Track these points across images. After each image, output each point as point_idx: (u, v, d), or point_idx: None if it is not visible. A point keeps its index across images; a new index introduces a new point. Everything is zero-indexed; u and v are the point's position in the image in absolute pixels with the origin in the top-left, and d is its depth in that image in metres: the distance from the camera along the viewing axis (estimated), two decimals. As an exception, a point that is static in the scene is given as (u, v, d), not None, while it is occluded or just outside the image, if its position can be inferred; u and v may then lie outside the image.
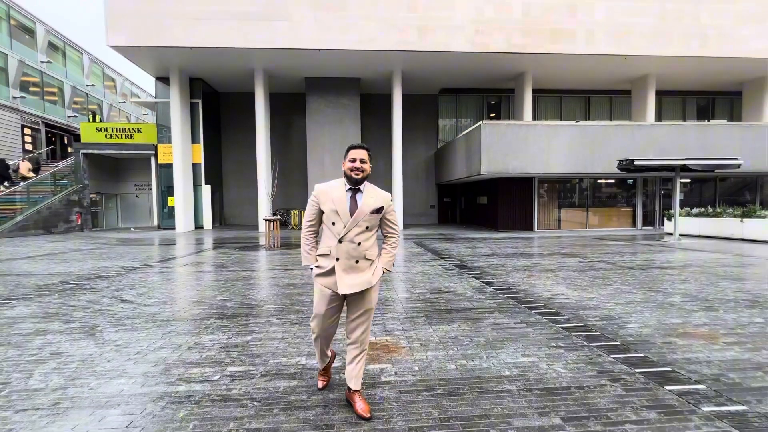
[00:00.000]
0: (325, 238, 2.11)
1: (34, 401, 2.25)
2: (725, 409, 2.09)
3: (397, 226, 2.24)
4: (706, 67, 16.32)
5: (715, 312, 3.98)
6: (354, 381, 2.14)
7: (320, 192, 2.10)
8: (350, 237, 2.02)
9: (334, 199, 2.04)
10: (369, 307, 2.11)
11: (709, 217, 12.54)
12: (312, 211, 2.13)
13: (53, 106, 22.83)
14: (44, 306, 4.41)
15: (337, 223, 2.03)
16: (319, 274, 2.08)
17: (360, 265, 2.05)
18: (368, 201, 2.07)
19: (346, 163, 2.07)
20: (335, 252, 2.03)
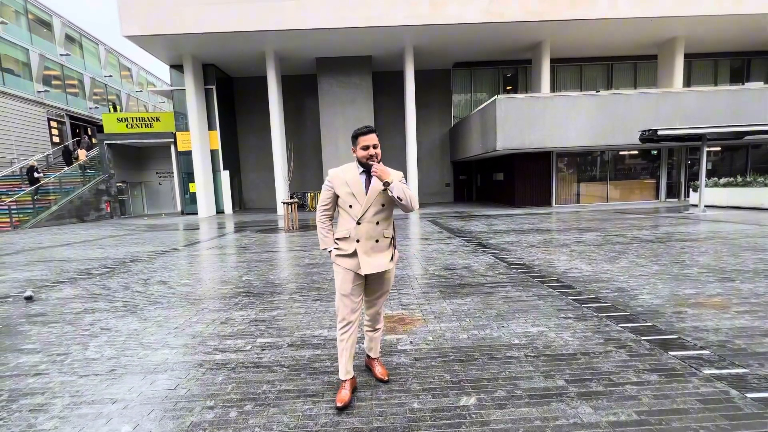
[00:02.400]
0: (343, 222, 2.12)
1: (93, 368, 2.56)
2: (726, 372, 2.19)
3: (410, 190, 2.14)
4: (741, 26, 15.20)
5: (731, 282, 3.98)
6: (373, 350, 2.37)
7: (334, 176, 2.11)
8: (368, 217, 2.05)
9: (349, 182, 2.07)
10: (386, 289, 2.21)
11: (738, 187, 12.05)
12: (326, 195, 2.14)
13: (75, 98, 23.53)
14: (88, 288, 4.82)
15: (355, 206, 2.05)
16: (341, 255, 2.10)
17: (380, 244, 2.09)
18: (377, 183, 2.08)
19: (358, 151, 2.06)
20: (355, 233, 2.05)
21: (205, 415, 1.97)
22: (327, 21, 13.59)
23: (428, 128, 19.38)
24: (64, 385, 2.34)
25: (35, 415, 2.03)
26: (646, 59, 18.52)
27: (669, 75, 16.38)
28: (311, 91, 18.29)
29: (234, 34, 13.86)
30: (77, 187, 16.40)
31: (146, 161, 20.29)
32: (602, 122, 13.16)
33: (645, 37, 16.05)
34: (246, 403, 2.07)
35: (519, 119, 12.96)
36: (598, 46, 17.05)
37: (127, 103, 29.21)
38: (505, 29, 14.56)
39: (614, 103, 13.20)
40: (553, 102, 13.22)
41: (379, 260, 2.08)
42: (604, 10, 13.87)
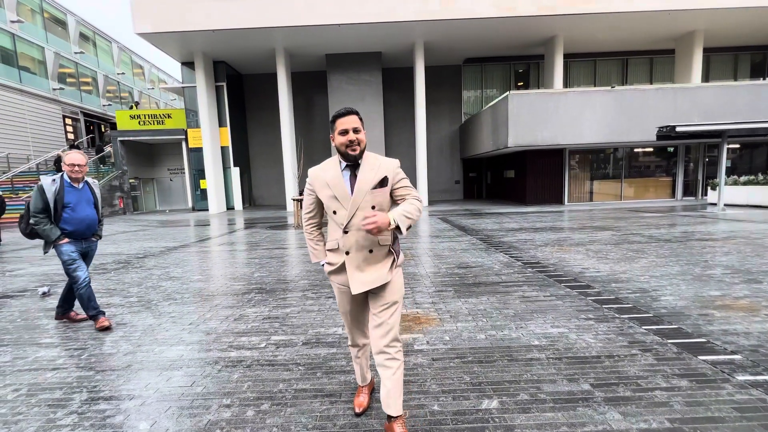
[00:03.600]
0: (331, 230, 1.76)
1: (110, 363, 2.57)
2: (761, 378, 2.09)
3: (412, 189, 1.74)
4: (763, 18, 14.71)
5: (758, 284, 3.83)
6: (392, 405, 1.68)
7: (314, 177, 1.72)
8: (357, 224, 1.62)
9: (329, 182, 1.66)
10: (393, 299, 1.72)
11: (759, 185, 11.69)
12: (309, 200, 1.79)
13: (89, 95, 23.90)
14: (104, 283, 4.86)
15: (339, 211, 1.65)
16: (331, 271, 1.76)
17: (375, 255, 1.68)
18: (365, 176, 1.65)
19: (336, 138, 1.65)
20: (343, 244, 1.67)
21: (222, 413, 1.95)
22: (337, 17, 13.53)
23: (438, 125, 19.22)
24: (81, 380, 2.35)
25: (54, 409, 2.03)
26: (662, 54, 18.07)
27: (687, 70, 15.95)
28: (321, 87, 18.27)
29: (244, 31, 13.88)
30: (91, 183, 16.66)
31: (158, 158, 20.53)
32: (617, 119, 12.87)
33: (662, 31, 15.64)
34: (263, 402, 2.04)
35: (531, 116, 12.75)
36: (612, 41, 16.67)
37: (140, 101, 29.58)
38: (517, 24, 14.31)
39: (629, 99, 12.90)
40: (566, 98, 12.97)
41: (374, 274, 1.68)
42: (619, 3, 13.54)
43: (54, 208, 3.10)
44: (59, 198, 3.10)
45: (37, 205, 3.07)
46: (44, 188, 3.07)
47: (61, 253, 3.16)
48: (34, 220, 3.09)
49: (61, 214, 3.12)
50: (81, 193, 3.23)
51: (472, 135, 17.09)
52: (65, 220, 3.14)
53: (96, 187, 3.40)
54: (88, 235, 3.30)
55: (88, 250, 3.36)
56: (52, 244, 3.14)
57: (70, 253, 3.17)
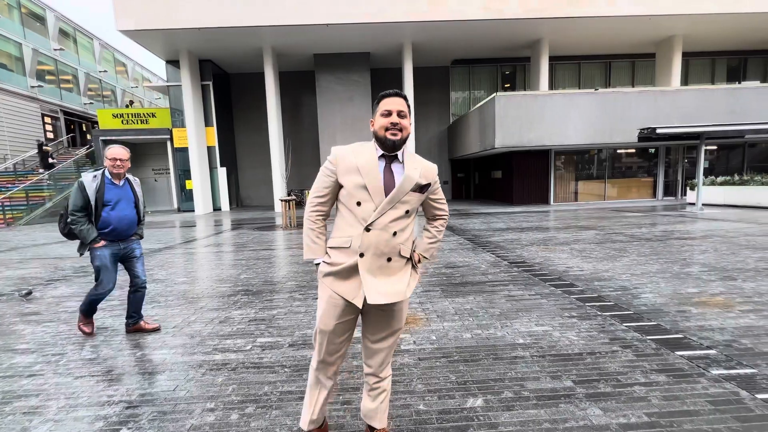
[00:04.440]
0: (343, 224, 1.48)
1: (89, 369, 2.50)
2: (734, 372, 2.17)
3: (446, 204, 1.67)
4: (738, 24, 15.25)
5: (733, 281, 3.97)
6: (377, 418, 1.63)
7: (341, 157, 1.46)
8: (383, 223, 1.41)
9: (362, 168, 1.42)
10: (398, 327, 1.55)
11: (734, 186, 12.11)
12: (325, 183, 1.49)
13: (69, 93, 23.24)
14: (84, 286, 4.73)
15: (365, 203, 1.42)
16: (331, 273, 1.47)
17: (392, 264, 1.45)
18: (412, 173, 1.45)
19: (376, 120, 1.45)
20: (359, 244, 1.41)
21: (206, 417, 1.92)
22: (325, 17, 13.48)
23: (426, 125, 19.32)
24: (60, 386, 2.28)
25: (29, 417, 1.97)
26: (644, 58, 18.55)
27: (667, 73, 16.41)
28: (309, 87, 18.17)
29: (231, 30, 13.70)
30: (72, 184, 16.21)
31: (142, 158, 20.07)
32: (600, 120, 13.16)
33: (643, 36, 16.06)
34: (247, 405, 2.02)
35: (517, 117, 12.93)
36: (596, 44, 17.04)
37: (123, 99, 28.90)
38: (504, 26, 14.51)
39: (612, 102, 13.21)
40: (552, 100, 13.20)
41: (391, 287, 1.44)
42: (602, 7, 13.85)
43: (95, 206, 2.85)
44: (99, 195, 2.86)
45: (76, 202, 2.82)
46: (84, 185, 2.83)
47: (95, 257, 2.93)
48: (72, 219, 2.84)
49: (100, 213, 2.87)
50: (122, 190, 2.98)
51: (460, 136, 17.24)
52: (104, 220, 2.89)
53: (137, 184, 3.15)
54: (127, 236, 3.04)
55: (129, 252, 3.07)
56: (88, 246, 2.90)
57: (103, 258, 2.93)
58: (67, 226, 2.94)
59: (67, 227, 2.94)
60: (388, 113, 1.43)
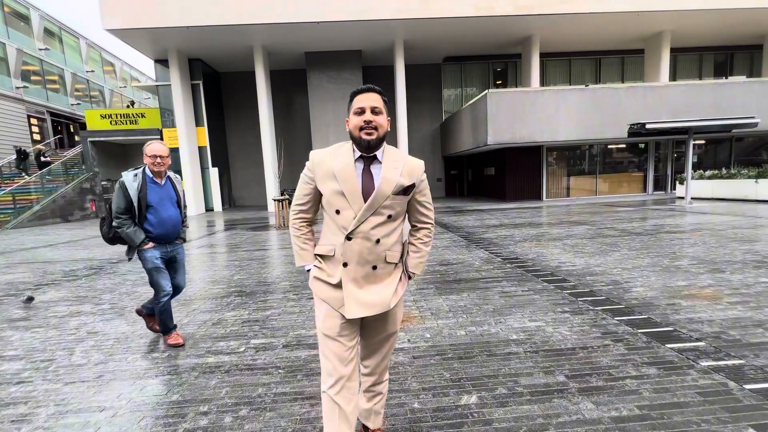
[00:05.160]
0: (328, 231, 1.42)
1: (79, 374, 2.46)
2: (722, 363, 2.21)
3: (432, 209, 1.53)
4: (725, 20, 15.45)
5: (721, 273, 4.04)
6: (373, 418, 1.63)
7: (317, 162, 1.38)
8: (365, 231, 1.33)
9: (338, 173, 1.33)
10: (391, 330, 1.49)
11: (722, 179, 12.31)
12: (305, 190, 1.43)
13: (56, 94, 22.81)
14: (74, 290, 4.66)
15: (344, 211, 1.33)
16: (320, 279, 1.43)
17: (379, 272, 1.39)
18: (390, 174, 1.35)
19: (351, 119, 1.35)
20: (341, 253, 1.36)
21: (199, 421, 1.91)
22: (316, 14, 13.38)
23: (419, 123, 19.32)
24: (49, 393, 2.25)
25: (18, 426, 1.94)
26: (633, 53, 18.73)
27: (655, 69, 16.59)
28: (301, 86, 18.05)
29: (220, 28, 13.54)
30: (60, 186, 15.94)
31: (132, 158, 19.81)
32: (591, 116, 13.27)
33: (632, 32, 16.21)
34: (241, 407, 2.01)
35: (509, 114, 12.99)
36: (586, 41, 17.16)
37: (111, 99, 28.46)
38: (495, 23, 14.53)
39: (602, 97, 13.32)
40: (543, 96, 13.27)
41: (376, 296, 1.37)
42: (592, 4, 13.94)
43: (138, 207, 2.69)
44: (142, 195, 2.68)
45: (119, 204, 2.66)
46: (126, 185, 2.67)
47: (145, 259, 2.75)
48: (117, 222, 2.68)
49: (144, 214, 2.71)
50: (164, 189, 2.79)
51: (453, 133, 17.27)
52: (149, 222, 2.73)
53: (179, 183, 2.96)
54: (173, 237, 2.86)
55: (174, 255, 2.90)
56: (136, 249, 2.76)
57: (154, 259, 2.75)
58: (111, 230, 2.78)
59: (112, 231, 2.78)
60: (361, 111, 1.32)
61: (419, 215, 1.50)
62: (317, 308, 1.45)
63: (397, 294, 1.43)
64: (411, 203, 1.45)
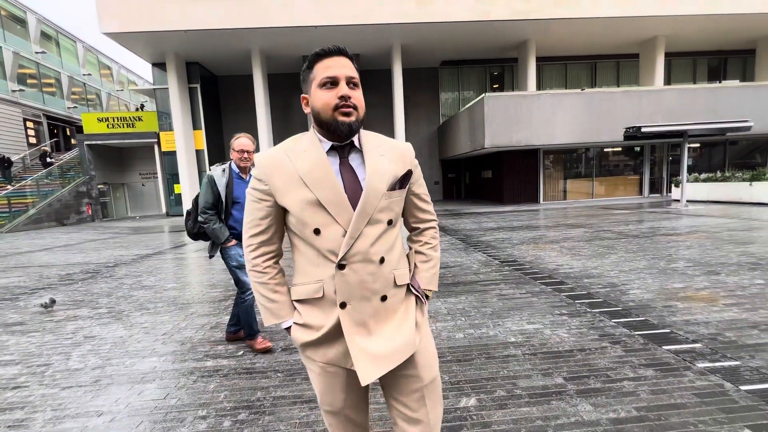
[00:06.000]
0: (304, 264, 1.02)
1: (76, 379, 2.45)
2: (719, 365, 2.22)
3: (431, 202, 1.18)
4: (718, 26, 15.67)
5: (716, 276, 4.07)
6: None
7: (271, 167, 0.98)
8: (362, 250, 0.95)
9: (307, 176, 0.95)
10: (431, 375, 1.05)
11: (717, 182, 12.42)
12: (260, 211, 1.00)
13: (52, 97, 22.74)
14: (70, 294, 4.63)
15: (328, 228, 0.95)
16: (310, 343, 1.01)
17: (390, 303, 1.01)
18: (379, 164, 0.99)
19: (314, 94, 0.97)
20: (333, 289, 0.97)
21: (197, 425, 1.90)
22: (314, 18, 13.45)
23: (417, 127, 19.40)
24: (46, 398, 2.23)
25: (14, 431, 1.92)
26: (628, 58, 18.92)
27: (650, 73, 16.77)
28: (299, 89, 18.01)
29: (219, 32, 13.58)
30: (56, 190, 15.86)
31: (129, 162, 19.75)
32: (587, 120, 13.38)
33: (627, 36, 16.39)
34: (240, 411, 2.00)
35: (506, 117, 13.07)
36: (582, 45, 17.33)
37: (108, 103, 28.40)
38: (491, 28, 14.66)
39: (598, 101, 13.44)
40: (540, 100, 13.37)
41: (394, 340, 0.99)
42: (587, 9, 14.10)
43: (225, 202, 2.63)
44: (229, 191, 2.62)
45: (207, 199, 2.59)
46: (215, 179, 2.60)
47: (230, 257, 2.68)
48: (204, 218, 2.62)
49: (230, 210, 2.64)
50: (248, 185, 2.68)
51: (450, 136, 17.35)
52: (234, 218, 2.65)
53: None
54: None
55: None
56: (220, 246, 2.69)
57: (238, 257, 2.69)
58: (196, 225, 2.73)
59: (197, 226, 2.74)
60: (332, 82, 0.94)
61: (419, 212, 1.14)
62: (312, 379, 1.07)
63: (420, 327, 1.06)
64: (406, 200, 1.10)
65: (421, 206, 1.15)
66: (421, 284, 1.12)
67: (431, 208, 1.18)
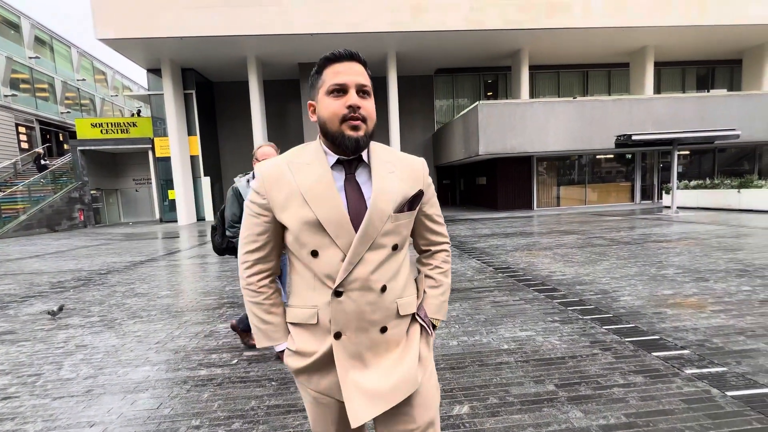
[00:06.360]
0: (301, 285, 0.95)
1: (68, 389, 2.43)
2: (706, 371, 2.27)
3: (444, 223, 1.09)
4: (706, 36, 16.06)
5: (705, 282, 4.15)
6: None
7: (271, 180, 0.91)
8: (362, 277, 0.88)
9: (308, 192, 0.88)
10: (428, 417, 0.95)
11: (706, 189, 12.64)
12: (257, 227, 0.94)
13: (45, 102, 22.60)
14: (62, 302, 4.58)
15: (326, 251, 0.88)
16: (303, 370, 0.94)
17: (390, 335, 0.93)
18: (387, 183, 0.91)
19: (321, 102, 0.89)
20: (331, 317, 0.89)
21: (191, 435, 1.90)
22: (310, 26, 13.57)
23: (411, 134, 19.54)
24: (37, 408, 2.21)
25: (5, 443, 1.91)
26: (618, 67, 19.29)
27: (640, 82, 17.10)
28: (294, 96, 18.17)
29: (215, 39, 13.64)
30: (48, 195, 15.69)
31: (123, 168, 19.64)
32: (579, 127, 13.58)
33: (617, 46, 16.72)
34: (234, 420, 2.00)
35: (500, 124, 13.23)
36: (573, 54, 17.65)
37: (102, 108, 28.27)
38: (485, 37, 14.89)
39: (590, 109, 13.66)
40: (533, 108, 13.56)
41: (391, 376, 0.91)
42: (578, 20, 14.39)
43: None
44: None
45: (235, 212, 2.50)
46: (240, 191, 2.52)
47: None
48: (232, 232, 2.50)
49: None
50: None
51: (445, 143, 17.50)
52: None
53: None
54: None
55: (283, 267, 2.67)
56: None
57: None
58: (225, 239, 2.62)
59: (226, 241, 2.62)
60: (342, 90, 0.86)
61: (430, 234, 1.06)
62: (306, 405, 1.00)
63: (423, 361, 0.96)
64: (417, 220, 1.02)
65: (433, 228, 1.06)
66: (428, 312, 1.03)
67: (444, 230, 1.09)
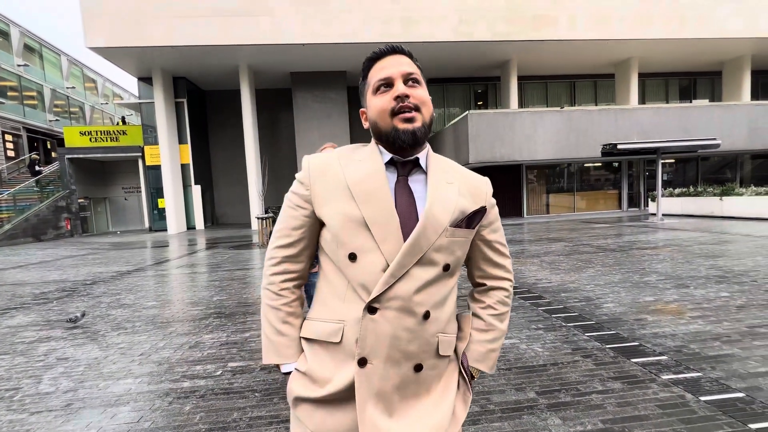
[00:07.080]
0: (328, 294, 0.81)
1: (47, 403, 2.39)
2: (682, 377, 2.33)
3: (508, 256, 0.93)
4: (687, 49, 16.60)
5: (685, 288, 4.24)
6: None
7: (318, 171, 0.81)
8: (404, 294, 0.74)
9: (356, 186, 0.78)
10: None
11: (690, 197, 12.94)
12: (294, 220, 0.82)
13: (33, 110, 22.34)
14: (44, 314, 4.51)
15: (367, 256, 0.75)
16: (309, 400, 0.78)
17: (425, 376, 0.78)
18: (444, 191, 0.80)
19: (370, 102, 0.82)
20: (355, 336, 0.75)
21: (171, 448, 1.88)
22: (301, 36, 13.71)
23: (403, 142, 19.69)
24: (13, 423, 2.17)
25: (-22, 460, 1.87)
26: (604, 77, 19.78)
27: (625, 92, 17.55)
28: (286, 105, 18.25)
29: (206, 48, 13.70)
30: (33, 204, 15.43)
31: (112, 176, 19.43)
32: (567, 136, 13.86)
33: (603, 58, 17.19)
34: (215, 433, 1.99)
35: (490, 134, 13.44)
36: (561, 65, 18.07)
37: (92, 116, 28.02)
38: (474, 48, 15.19)
39: (577, 119, 13.97)
40: (521, 117, 13.82)
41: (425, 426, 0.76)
42: (564, 32, 14.78)
43: None
44: None
45: None
46: None
47: (311, 285, 2.19)
48: None
49: None
50: None
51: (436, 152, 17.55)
52: None
53: None
54: None
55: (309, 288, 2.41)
56: None
57: None
58: None
59: None
60: (387, 83, 0.79)
61: (488, 266, 0.90)
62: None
63: (456, 417, 0.81)
64: (475, 246, 0.87)
65: (493, 258, 0.89)
66: (469, 360, 0.86)
67: (508, 263, 0.92)
